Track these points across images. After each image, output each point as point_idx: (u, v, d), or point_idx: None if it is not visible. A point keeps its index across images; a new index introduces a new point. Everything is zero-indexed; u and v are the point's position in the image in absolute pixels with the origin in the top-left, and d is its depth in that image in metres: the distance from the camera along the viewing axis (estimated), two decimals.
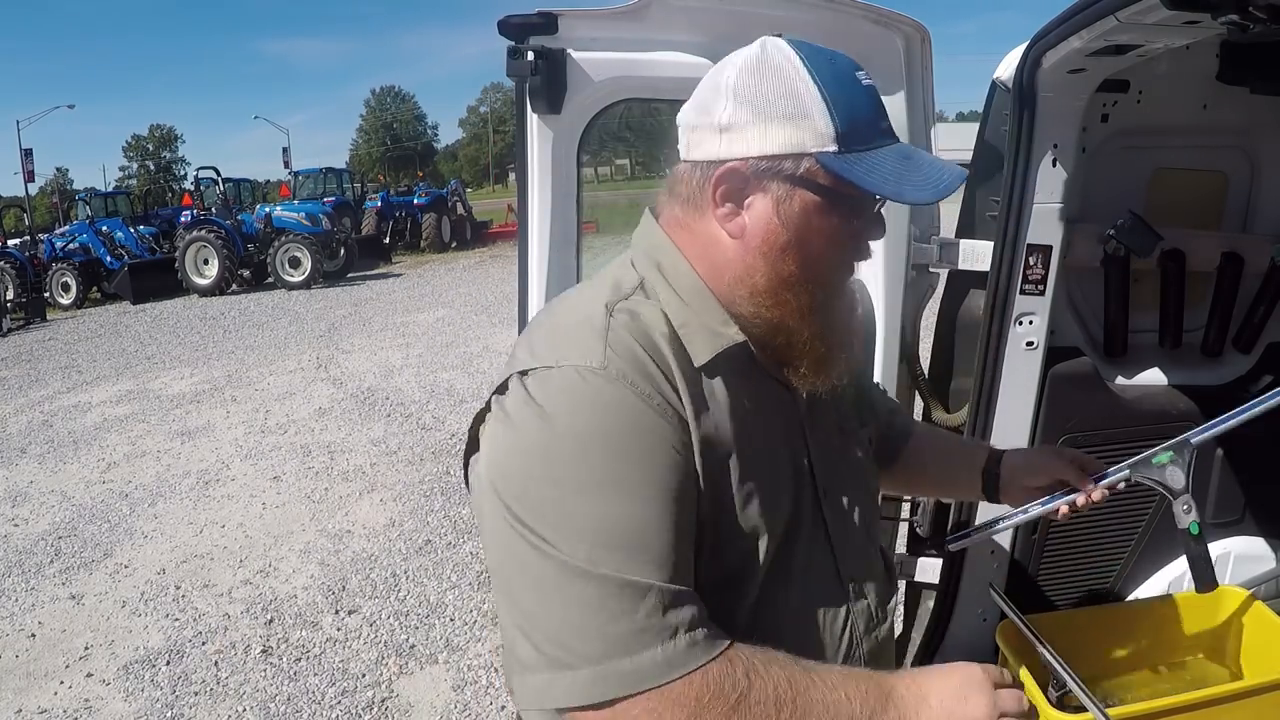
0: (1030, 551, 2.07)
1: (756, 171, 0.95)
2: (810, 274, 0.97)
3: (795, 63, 0.94)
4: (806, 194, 0.94)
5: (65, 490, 6.25)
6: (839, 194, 0.94)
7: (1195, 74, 1.79)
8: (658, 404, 0.89)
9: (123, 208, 21.38)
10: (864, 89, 0.97)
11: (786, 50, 0.96)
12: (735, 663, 0.87)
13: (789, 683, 0.88)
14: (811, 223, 0.95)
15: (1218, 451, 2.03)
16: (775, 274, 0.97)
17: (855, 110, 0.94)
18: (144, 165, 79.60)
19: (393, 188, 27.47)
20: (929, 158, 0.98)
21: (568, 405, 0.88)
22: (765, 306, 0.99)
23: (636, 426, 0.88)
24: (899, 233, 2.00)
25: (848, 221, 0.97)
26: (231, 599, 4.37)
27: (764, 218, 0.96)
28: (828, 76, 0.94)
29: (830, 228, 0.96)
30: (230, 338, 12.18)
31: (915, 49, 1.93)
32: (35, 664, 3.90)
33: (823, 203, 0.95)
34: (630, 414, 0.88)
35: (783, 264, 0.96)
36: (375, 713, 3.35)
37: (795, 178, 0.94)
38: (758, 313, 0.99)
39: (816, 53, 0.97)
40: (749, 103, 0.94)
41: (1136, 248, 1.85)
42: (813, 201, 0.95)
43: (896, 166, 0.94)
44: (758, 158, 0.94)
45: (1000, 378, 1.91)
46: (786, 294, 0.97)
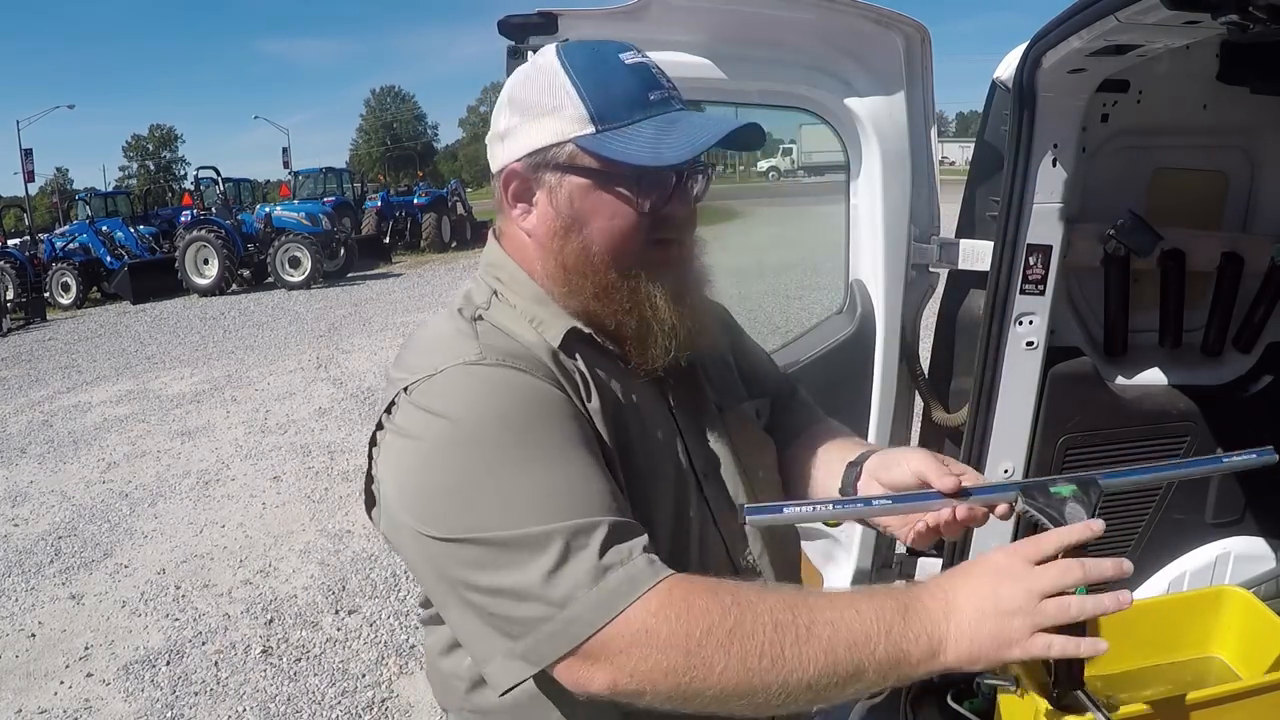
0: None
1: (530, 168, 1.01)
2: (598, 255, 1.00)
3: (554, 61, 1.00)
4: (573, 178, 0.99)
5: (65, 490, 6.25)
6: (602, 172, 0.97)
7: (1195, 74, 1.79)
8: (544, 375, 0.95)
9: (123, 208, 21.38)
10: (627, 68, 0.99)
11: (550, 52, 1.02)
12: (720, 592, 0.86)
13: (788, 606, 0.85)
14: (584, 205, 0.99)
15: (1218, 451, 2.03)
16: (564, 260, 1.01)
17: (611, 90, 0.97)
18: (144, 165, 79.59)
19: (393, 188, 27.48)
20: (699, 119, 0.98)
21: (461, 399, 0.92)
22: (570, 295, 1.03)
23: (531, 399, 0.93)
24: (899, 233, 2.00)
25: (624, 198, 0.98)
26: (231, 599, 4.37)
27: (545, 209, 1.02)
28: (583, 65, 0.99)
29: (605, 206, 0.99)
30: (230, 338, 12.18)
31: (915, 49, 1.93)
32: (35, 664, 3.89)
33: (589, 184, 0.98)
34: (522, 389, 0.94)
35: (567, 249, 1.01)
36: (375, 713, 3.35)
37: (561, 165, 0.99)
38: (570, 303, 1.03)
39: (579, 46, 1.02)
40: (519, 108, 1.01)
41: (1136, 248, 1.85)
42: (580, 184, 0.99)
43: (656, 134, 0.96)
44: (529, 154, 1.00)
45: (1000, 378, 1.91)
46: (579, 278, 1.01)
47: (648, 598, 0.84)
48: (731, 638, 0.83)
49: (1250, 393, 2.01)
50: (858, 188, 2.04)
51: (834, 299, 2.23)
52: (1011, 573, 0.88)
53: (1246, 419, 2.01)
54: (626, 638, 0.83)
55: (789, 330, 1.94)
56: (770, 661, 0.82)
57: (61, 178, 78.40)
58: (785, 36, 1.90)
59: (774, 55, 1.91)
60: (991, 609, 0.86)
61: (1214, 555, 2.09)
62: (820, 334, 2.14)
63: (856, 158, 2.02)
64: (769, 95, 2.00)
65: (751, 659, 0.82)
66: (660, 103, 0.99)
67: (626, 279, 1.00)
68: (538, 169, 1.00)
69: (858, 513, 1.04)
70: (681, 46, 1.87)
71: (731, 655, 0.82)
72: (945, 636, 0.85)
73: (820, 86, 1.95)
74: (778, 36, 1.90)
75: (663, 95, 0.99)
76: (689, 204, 1.02)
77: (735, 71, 1.90)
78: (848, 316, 2.11)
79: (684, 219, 1.03)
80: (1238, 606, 1.93)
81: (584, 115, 0.97)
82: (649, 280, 1.01)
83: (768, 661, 0.82)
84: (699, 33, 1.86)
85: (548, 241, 1.02)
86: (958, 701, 2.05)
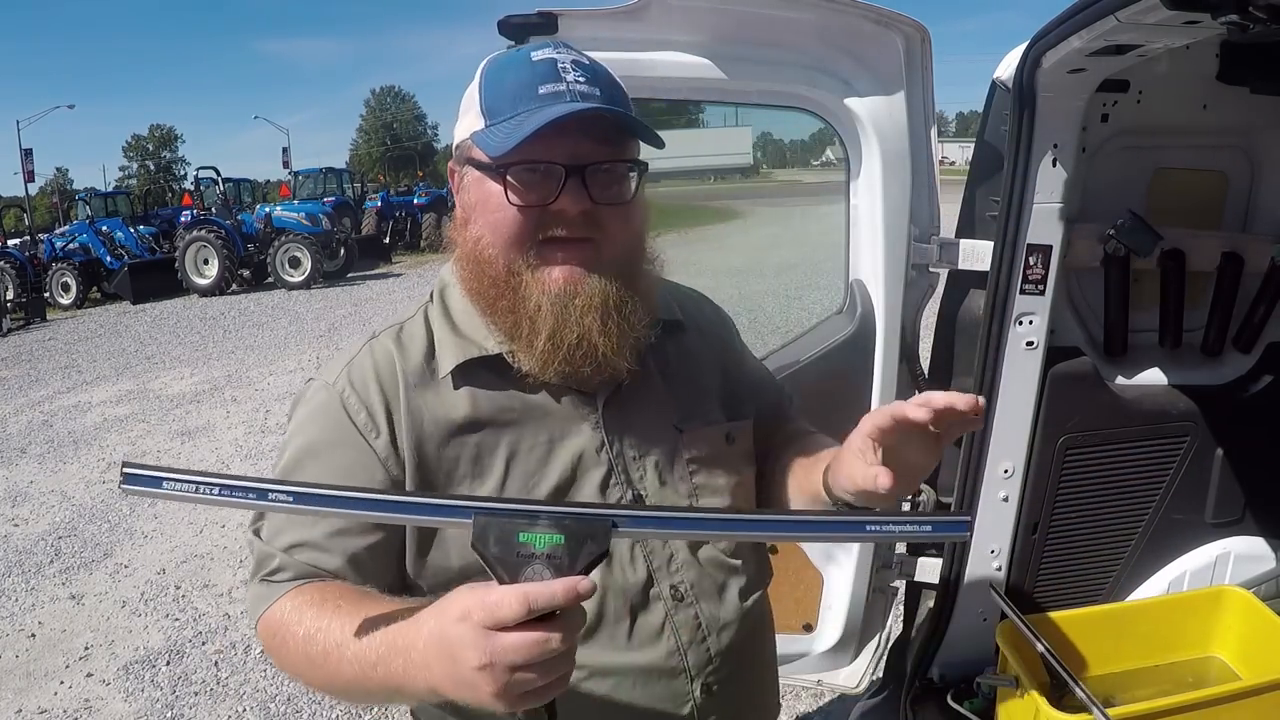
0: (1030, 551, 2.07)
1: (456, 162, 1.07)
2: (486, 247, 1.01)
3: (482, 64, 1.05)
4: (471, 170, 1.03)
5: (65, 490, 6.25)
6: (485, 165, 1.00)
7: (1195, 74, 1.79)
8: (362, 419, 1.03)
9: (123, 208, 21.37)
10: (530, 64, 1.00)
11: (487, 58, 1.07)
12: (297, 603, 0.98)
13: (316, 622, 0.95)
14: (476, 196, 1.03)
15: (1218, 451, 2.03)
16: (466, 249, 1.05)
17: (503, 86, 1.00)
18: (144, 165, 79.52)
19: (393, 188, 27.50)
20: (553, 111, 0.94)
21: (302, 405, 1.09)
22: (469, 293, 1.06)
23: (332, 426, 1.04)
24: (899, 233, 2.00)
25: (511, 188, 0.98)
26: (231, 599, 4.37)
27: (459, 202, 1.07)
28: (495, 65, 1.04)
29: (490, 198, 1.00)
30: (230, 338, 12.18)
31: (915, 49, 1.93)
32: (35, 664, 3.89)
33: (479, 176, 1.02)
34: (331, 418, 1.04)
35: (467, 238, 1.04)
36: (375, 712, 3.35)
37: (464, 159, 1.04)
38: (474, 302, 1.06)
39: (505, 50, 1.07)
40: (459, 110, 1.07)
41: (1136, 247, 1.85)
42: (473, 177, 1.03)
43: (515, 126, 0.96)
44: (455, 150, 1.07)
45: (1000, 378, 1.91)
46: (474, 269, 1.03)
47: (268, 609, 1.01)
48: (281, 650, 0.99)
49: (1250, 393, 2.01)
50: (858, 188, 2.04)
51: (834, 299, 2.23)
52: (470, 644, 0.77)
53: (1246, 419, 2.01)
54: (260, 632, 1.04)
55: (789, 330, 1.94)
56: (305, 672, 0.98)
57: (61, 178, 78.46)
58: (785, 36, 1.90)
59: (774, 55, 1.91)
60: (458, 679, 0.79)
61: (1214, 555, 2.09)
62: (820, 334, 2.14)
63: (856, 158, 2.02)
64: (769, 95, 2.00)
65: (296, 668, 0.98)
66: (550, 95, 0.96)
67: (511, 275, 1.00)
68: (458, 164, 1.06)
69: (253, 505, 0.85)
70: (681, 46, 1.87)
71: (282, 660, 1.00)
72: (439, 691, 0.83)
73: (820, 86, 1.95)
74: (778, 36, 1.90)
75: (556, 89, 0.97)
76: (581, 202, 0.97)
77: (735, 71, 1.90)
78: (848, 316, 2.10)
79: (580, 217, 0.98)
80: (1238, 606, 1.94)
81: (479, 110, 1.01)
82: (532, 278, 0.99)
83: (303, 671, 0.98)
84: (699, 33, 1.86)
85: (457, 232, 1.07)
86: (958, 701, 2.05)
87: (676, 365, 1.16)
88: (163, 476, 0.80)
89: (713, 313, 1.31)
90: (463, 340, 1.07)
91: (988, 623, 2.08)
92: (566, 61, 0.99)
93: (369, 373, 1.05)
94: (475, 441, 1.04)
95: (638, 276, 1.05)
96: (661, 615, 1.08)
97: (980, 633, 2.08)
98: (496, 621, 0.75)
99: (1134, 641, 1.94)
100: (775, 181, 42.66)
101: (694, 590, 1.10)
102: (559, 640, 0.76)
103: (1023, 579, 2.10)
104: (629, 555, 1.07)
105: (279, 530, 1.04)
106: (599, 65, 1.03)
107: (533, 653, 0.75)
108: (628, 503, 1.07)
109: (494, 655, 0.75)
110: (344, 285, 17.11)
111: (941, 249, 2.01)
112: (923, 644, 2.14)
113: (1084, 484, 2.03)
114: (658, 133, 1.02)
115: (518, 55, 1.02)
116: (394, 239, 22.37)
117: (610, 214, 1.00)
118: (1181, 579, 2.10)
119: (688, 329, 1.20)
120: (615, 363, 1.02)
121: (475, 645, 0.76)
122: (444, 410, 1.04)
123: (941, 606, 2.10)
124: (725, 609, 1.13)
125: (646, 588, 1.08)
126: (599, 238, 1.00)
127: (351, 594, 0.98)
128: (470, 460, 1.04)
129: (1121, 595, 2.12)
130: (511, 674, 0.76)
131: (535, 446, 1.05)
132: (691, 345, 1.20)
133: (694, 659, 1.09)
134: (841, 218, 2.12)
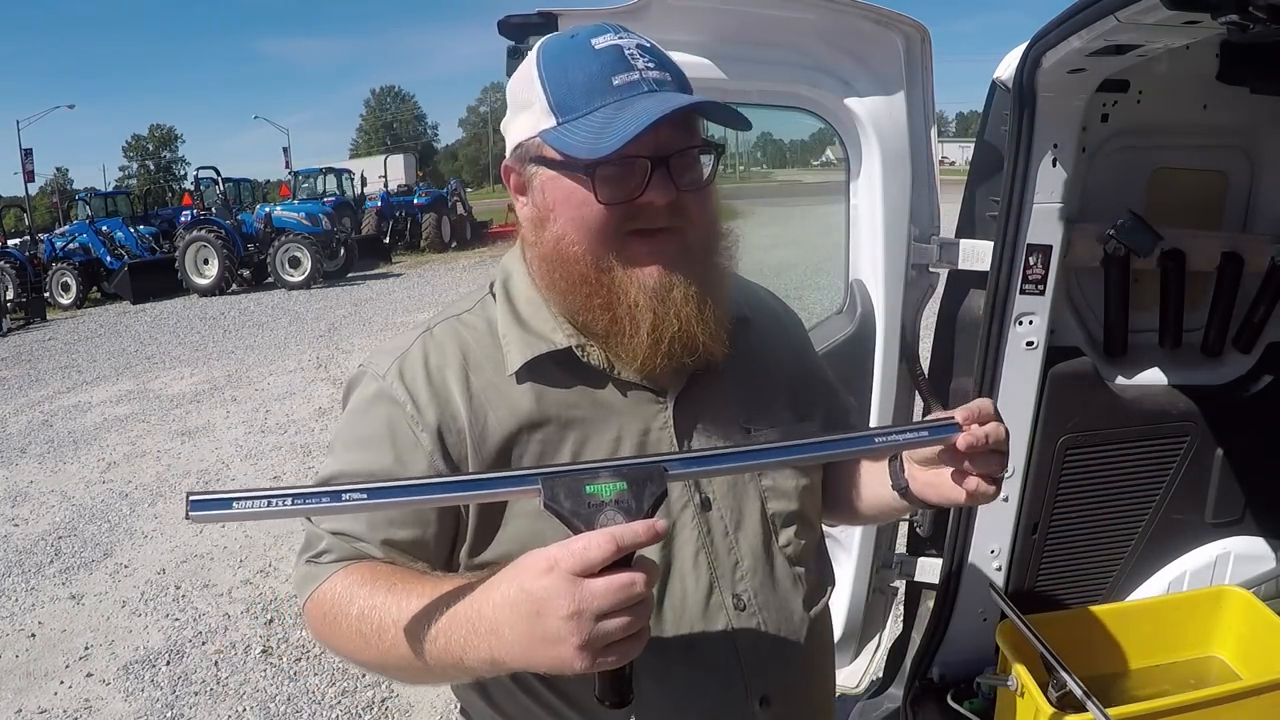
0: (1030, 551, 2.07)
1: (518, 161, 1.02)
2: (570, 247, 0.98)
3: (534, 52, 1.00)
4: (543, 170, 0.99)
5: (65, 490, 6.25)
6: (563, 164, 0.96)
7: (1195, 74, 1.79)
8: (410, 414, 1.01)
9: (123, 208, 21.36)
10: (594, 54, 0.96)
11: (537, 43, 1.02)
12: (348, 582, 0.97)
13: (371, 599, 0.94)
14: (554, 196, 0.98)
15: (1218, 451, 2.03)
16: (543, 251, 1.01)
17: (570, 79, 0.95)
18: (144, 165, 79.59)
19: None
20: (647, 103, 0.92)
21: (353, 397, 1.07)
22: (551, 288, 1.02)
23: (381, 421, 1.02)
24: (899, 233, 2.00)
25: (589, 188, 0.94)
26: (231, 599, 4.37)
27: (530, 202, 1.02)
28: (553, 54, 0.98)
29: (572, 196, 0.96)
30: (230, 338, 12.18)
31: (915, 49, 1.93)
32: (35, 664, 3.89)
33: (555, 175, 0.97)
34: (380, 412, 1.02)
35: (545, 240, 1.00)
36: (375, 713, 3.35)
37: (535, 158, 0.99)
38: (553, 300, 1.03)
39: (559, 34, 1.02)
40: (511, 102, 1.02)
41: (1136, 247, 1.85)
42: (548, 176, 0.98)
43: (603, 123, 0.92)
44: (515, 148, 1.01)
45: (1000, 378, 1.91)
46: (556, 270, 1.00)
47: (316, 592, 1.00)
48: (333, 629, 0.98)
49: (1250, 393, 2.01)
50: (858, 188, 2.04)
51: (834, 299, 2.23)
52: (558, 594, 0.77)
53: (1246, 419, 2.01)
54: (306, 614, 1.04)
55: None
56: (358, 651, 0.97)
57: (61, 178, 78.51)
58: (785, 36, 1.90)
59: (774, 55, 1.91)
60: (539, 636, 0.79)
61: (1214, 555, 2.09)
62: (820, 334, 2.14)
63: (856, 158, 2.02)
64: (769, 95, 2.00)
65: (348, 647, 0.98)
66: (626, 86, 0.94)
67: (601, 272, 0.97)
68: (523, 162, 1.01)
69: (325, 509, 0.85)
70: (681, 46, 1.86)
71: (333, 640, 0.99)
72: (503, 660, 0.84)
73: (820, 86, 1.95)
74: (778, 36, 1.90)
75: (630, 78, 0.94)
76: (669, 193, 0.95)
77: (735, 71, 1.89)
78: (848, 316, 2.10)
79: (666, 208, 0.96)
80: (1238, 606, 1.94)
81: (547, 107, 0.96)
82: (625, 274, 0.97)
83: (356, 650, 0.97)
84: (699, 33, 1.86)
85: (531, 233, 1.03)
86: (958, 701, 2.05)
87: (745, 363, 1.12)
88: (232, 498, 0.80)
89: (780, 309, 1.27)
90: (529, 335, 1.04)
91: (988, 623, 2.08)
92: (632, 47, 0.97)
93: (419, 367, 1.03)
94: (540, 439, 1.01)
95: (720, 260, 1.04)
96: (723, 625, 1.04)
97: (980, 633, 2.08)
98: (586, 565, 0.77)
99: (1134, 641, 1.94)
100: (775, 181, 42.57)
101: (757, 599, 1.07)
102: (644, 583, 0.77)
103: (1023, 579, 2.10)
104: (691, 563, 1.04)
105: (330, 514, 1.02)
106: (655, 45, 1.01)
107: (620, 597, 0.76)
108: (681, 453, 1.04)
109: (582, 602, 0.76)
110: (344, 285, 17.11)
111: (941, 249, 2.01)
112: (923, 644, 2.14)
113: (1084, 484, 2.03)
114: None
115: (576, 42, 0.97)
116: (394, 239, 22.34)
117: (692, 200, 0.98)
118: (1181, 579, 2.10)
119: (754, 325, 1.16)
120: (714, 349, 1.01)
121: (564, 594, 0.77)
122: (508, 407, 1.01)
123: (941, 606, 2.10)
124: (788, 618, 1.09)
125: (708, 597, 1.04)
126: (683, 225, 0.98)
127: (404, 571, 0.97)
128: (535, 458, 1.01)
129: (1121, 595, 2.12)
130: (597, 622, 0.76)
131: (602, 444, 1.02)
132: (758, 343, 1.15)
133: (753, 670, 1.05)
134: (841, 218, 2.12)
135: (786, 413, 1.14)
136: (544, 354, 1.02)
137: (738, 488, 1.08)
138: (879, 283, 2.04)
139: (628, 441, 1.03)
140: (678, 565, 1.03)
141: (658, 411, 1.05)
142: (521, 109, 1.00)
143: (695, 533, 1.04)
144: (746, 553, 1.07)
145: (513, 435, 1.01)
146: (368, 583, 0.96)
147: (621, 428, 1.03)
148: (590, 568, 0.77)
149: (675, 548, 1.03)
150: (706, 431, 1.07)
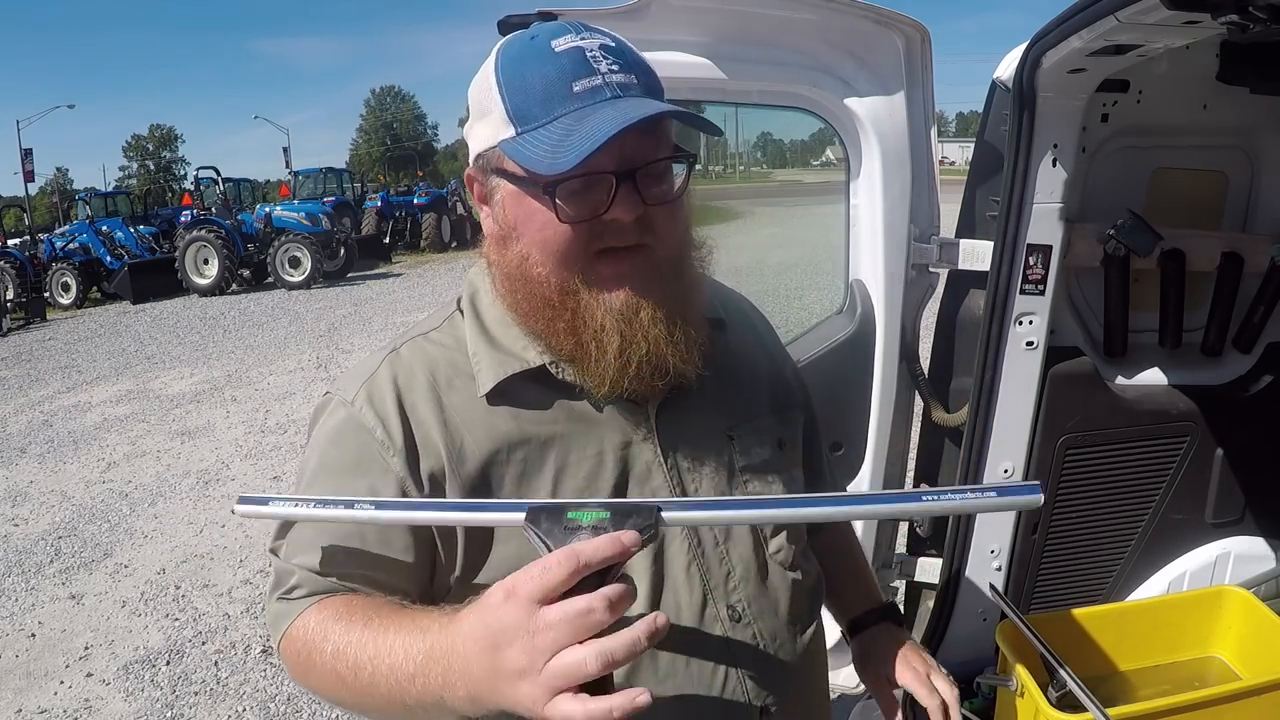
0: (1030, 551, 2.08)
1: (480, 171, 0.97)
2: (534, 267, 0.93)
3: (493, 54, 0.93)
4: (504, 183, 0.93)
5: (65, 490, 6.25)
6: (524, 178, 0.90)
7: (1195, 74, 1.79)
8: (380, 439, 0.97)
9: (123, 208, 21.38)
10: (554, 57, 0.88)
11: (496, 45, 0.95)
12: (321, 617, 0.94)
13: (345, 636, 0.91)
14: (517, 213, 0.93)
15: (1218, 451, 2.04)
16: (507, 269, 0.96)
17: (529, 85, 0.89)
18: (144, 165, 79.51)
19: (393, 188, 27.49)
20: (609, 111, 0.85)
21: (320, 424, 1.04)
22: (514, 312, 0.98)
23: (350, 447, 0.99)
24: (899, 233, 2.00)
25: (550, 207, 0.88)
26: (231, 599, 4.37)
27: (494, 214, 0.97)
28: (511, 58, 0.91)
29: (534, 215, 0.91)
30: (230, 338, 12.18)
31: (915, 49, 1.93)
32: (35, 664, 3.90)
33: (517, 190, 0.92)
34: (349, 439, 0.99)
35: (508, 258, 0.95)
36: None
37: (496, 169, 0.94)
38: (516, 321, 0.99)
39: (518, 35, 0.94)
40: (471, 107, 0.96)
41: (1136, 247, 1.85)
42: (510, 191, 0.93)
43: (562, 134, 0.86)
44: (477, 157, 0.96)
45: (1000, 378, 1.91)
46: (520, 289, 0.95)
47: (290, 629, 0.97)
48: (308, 668, 0.95)
49: (1250, 393, 2.01)
50: (858, 188, 2.04)
51: (834, 299, 2.23)
52: (513, 625, 0.73)
53: (1246, 419, 2.01)
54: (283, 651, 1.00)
55: (789, 330, 1.93)
56: (335, 692, 0.94)
57: (61, 178, 78.36)
58: (785, 36, 1.90)
59: (774, 55, 1.91)
60: (500, 672, 0.74)
61: (1214, 555, 2.09)
62: (820, 334, 2.14)
63: (856, 158, 2.02)
64: (769, 95, 2.00)
65: (326, 687, 0.95)
66: (587, 93, 0.87)
67: (566, 295, 0.92)
68: (485, 173, 0.96)
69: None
70: (681, 46, 1.87)
71: (310, 680, 0.97)
72: (480, 698, 0.78)
73: (820, 86, 1.95)
74: (778, 36, 1.90)
75: (592, 84, 0.87)
76: (635, 208, 0.88)
77: (735, 71, 1.89)
78: (848, 316, 2.10)
79: (634, 224, 0.90)
80: (1238, 606, 1.94)
81: (505, 116, 0.90)
82: (592, 297, 0.91)
83: (333, 691, 0.94)
84: (699, 33, 1.86)
85: (494, 250, 0.98)
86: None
87: (722, 366, 1.08)
88: (269, 498, 0.96)
89: (751, 310, 1.25)
90: (500, 354, 0.99)
91: (988, 623, 2.08)
92: (595, 48, 0.89)
93: (388, 390, 0.98)
94: (521, 458, 0.97)
95: (691, 273, 0.99)
96: (719, 636, 1.01)
97: (980, 633, 2.08)
98: (544, 588, 0.71)
99: (1134, 641, 1.93)
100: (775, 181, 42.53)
101: (751, 609, 1.04)
102: (604, 608, 0.71)
103: (1023, 579, 2.10)
104: (683, 576, 1.01)
105: (299, 548, 0.99)
106: (623, 43, 0.93)
107: (576, 625, 0.70)
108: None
109: (535, 631, 0.71)
110: (344, 285, 17.11)
111: (941, 249, 2.01)
112: (922, 644, 2.14)
113: (1084, 484, 2.03)
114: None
115: (535, 45, 0.90)
116: (394, 239, 22.35)
117: (660, 214, 0.92)
118: (1181, 579, 2.10)
119: (729, 326, 1.12)
120: (685, 370, 0.96)
121: (518, 623, 0.72)
122: (485, 428, 0.97)
123: (941, 607, 2.10)
124: (783, 626, 1.07)
125: (702, 609, 1.01)
126: (651, 241, 0.92)
127: (379, 605, 0.93)
128: (515, 479, 0.97)
129: (1121, 595, 2.12)
130: (552, 655, 0.71)
131: (584, 460, 0.99)
132: (734, 344, 1.12)
133: (752, 680, 1.03)
134: (841, 218, 2.12)
135: (768, 413, 1.13)
136: (517, 373, 0.98)
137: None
138: (879, 283, 2.04)
139: (610, 455, 0.99)
140: (670, 579, 1.00)
141: (639, 422, 1.01)
142: (481, 115, 0.93)
143: (685, 545, 1.02)
144: (738, 562, 1.04)
145: (491, 456, 0.97)
146: (343, 618, 0.92)
147: (603, 440, 1.00)
148: (549, 591, 0.71)
149: (666, 560, 1.00)
150: (690, 440, 1.03)
